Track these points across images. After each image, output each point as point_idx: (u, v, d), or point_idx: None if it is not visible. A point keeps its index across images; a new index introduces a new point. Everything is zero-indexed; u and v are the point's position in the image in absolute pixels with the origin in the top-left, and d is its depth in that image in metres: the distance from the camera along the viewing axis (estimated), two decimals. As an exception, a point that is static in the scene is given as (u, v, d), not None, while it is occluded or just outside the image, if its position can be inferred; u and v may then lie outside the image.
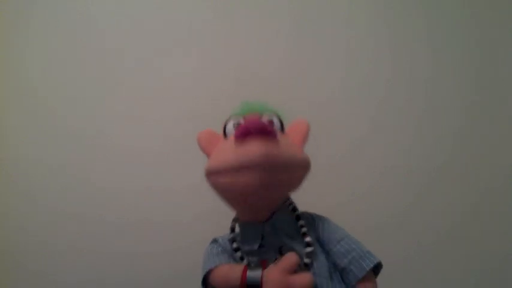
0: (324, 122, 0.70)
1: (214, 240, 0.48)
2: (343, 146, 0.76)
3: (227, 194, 0.42)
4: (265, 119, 0.43)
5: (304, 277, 0.37)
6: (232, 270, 0.40)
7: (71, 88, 0.81)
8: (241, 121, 0.43)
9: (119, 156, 0.78)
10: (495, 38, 0.78)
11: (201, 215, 0.74)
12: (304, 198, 0.46)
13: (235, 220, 0.47)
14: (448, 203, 0.74)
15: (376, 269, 0.43)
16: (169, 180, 0.77)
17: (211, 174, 0.41)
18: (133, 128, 0.79)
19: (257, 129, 0.36)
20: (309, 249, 0.41)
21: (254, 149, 0.36)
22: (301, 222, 0.43)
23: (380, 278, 0.43)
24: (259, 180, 0.37)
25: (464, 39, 0.78)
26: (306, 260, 0.40)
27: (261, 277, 0.38)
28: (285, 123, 0.46)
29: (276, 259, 0.40)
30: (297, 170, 0.41)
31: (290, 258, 0.38)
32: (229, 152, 0.39)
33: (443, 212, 0.74)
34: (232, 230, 0.46)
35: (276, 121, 0.43)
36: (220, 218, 0.70)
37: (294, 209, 0.45)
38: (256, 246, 0.42)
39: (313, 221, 0.46)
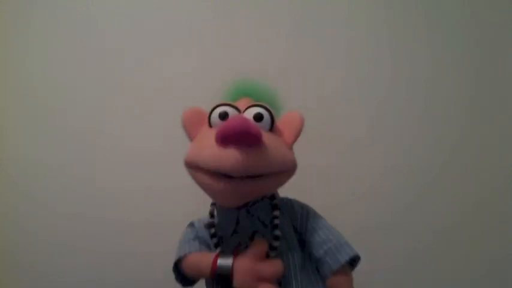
0: (324, 122, 0.71)
1: (191, 224, 0.47)
2: (343, 146, 0.75)
3: (204, 189, 0.39)
4: (252, 113, 0.38)
5: (274, 265, 0.37)
6: (204, 258, 0.40)
7: (71, 88, 0.81)
8: (228, 111, 0.39)
9: (119, 156, 0.78)
10: (495, 38, 0.78)
11: (201, 215, 0.74)
12: (305, 198, 0.46)
13: (213, 204, 0.45)
14: (448, 203, 0.74)
15: (353, 261, 0.41)
16: (169, 180, 0.76)
17: (190, 167, 0.39)
18: (134, 128, 0.79)
19: (238, 136, 0.33)
20: (275, 243, 0.39)
21: (231, 158, 0.33)
22: (276, 213, 0.41)
23: (380, 278, 0.43)
24: (236, 189, 0.36)
25: (464, 39, 0.78)
26: (271, 253, 0.39)
27: (232, 265, 0.37)
28: (279, 110, 0.44)
29: (247, 245, 0.39)
30: (279, 175, 0.39)
31: (260, 245, 0.38)
32: (208, 150, 0.36)
33: (443, 212, 0.74)
34: (211, 215, 0.44)
35: (265, 115, 0.39)
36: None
37: (272, 197, 0.42)
38: (230, 231, 0.41)
39: (292, 208, 0.44)
